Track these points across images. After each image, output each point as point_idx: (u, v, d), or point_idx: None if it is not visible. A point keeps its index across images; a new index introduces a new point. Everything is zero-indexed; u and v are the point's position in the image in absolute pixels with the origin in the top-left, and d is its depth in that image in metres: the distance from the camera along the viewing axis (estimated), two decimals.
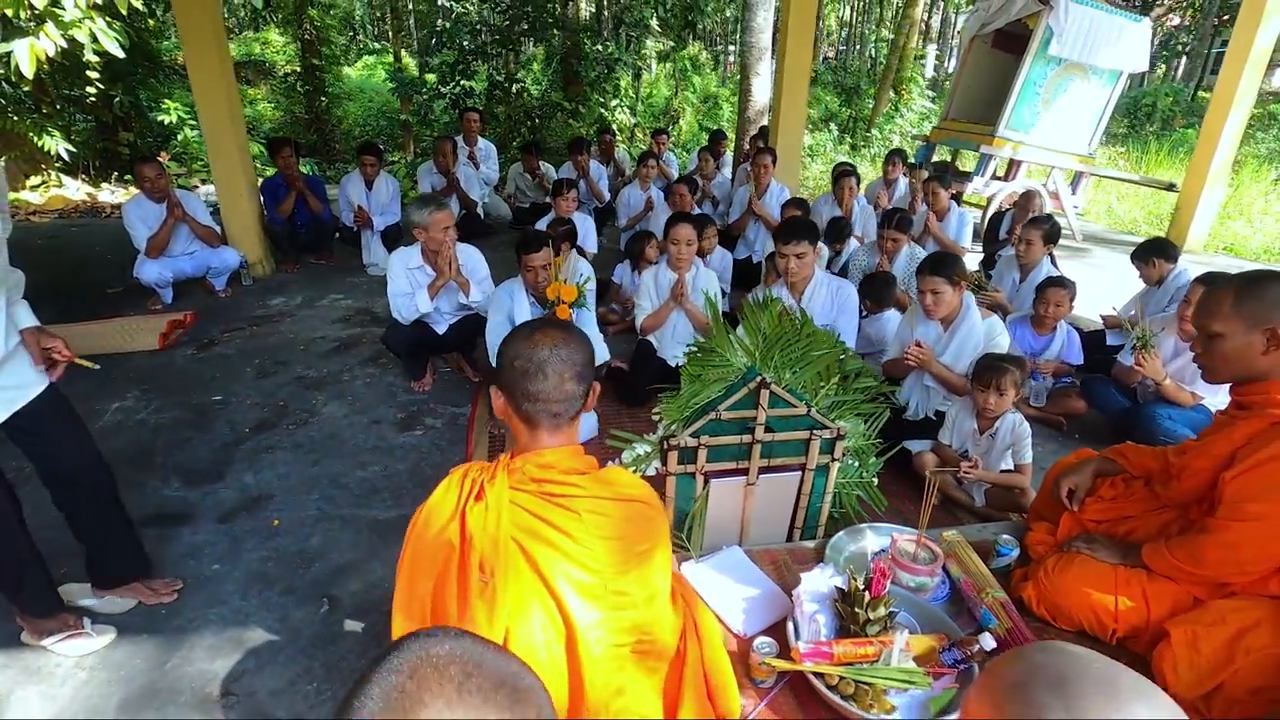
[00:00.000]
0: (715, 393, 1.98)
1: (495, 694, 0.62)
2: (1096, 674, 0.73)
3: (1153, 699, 0.70)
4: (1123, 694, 0.70)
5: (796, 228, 3.22)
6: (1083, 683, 0.72)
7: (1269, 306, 1.68)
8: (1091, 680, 0.72)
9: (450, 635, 0.67)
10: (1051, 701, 0.71)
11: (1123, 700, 0.69)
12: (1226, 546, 1.71)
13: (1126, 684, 0.71)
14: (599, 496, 1.28)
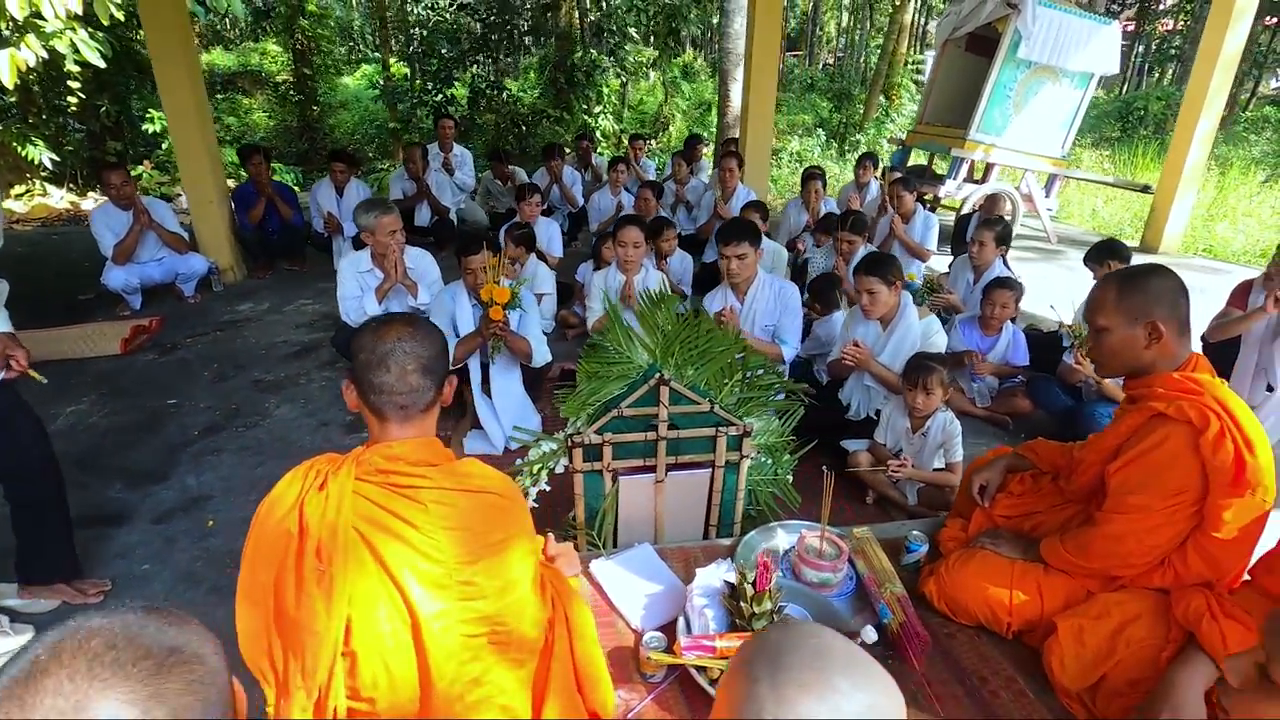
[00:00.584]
0: (618, 390, 2.00)
1: (134, 666, 0.62)
2: (812, 648, 0.74)
3: (863, 675, 0.71)
4: (831, 669, 0.71)
5: (736, 229, 3.24)
6: (796, 654, 0.73)
7: (1149, 300, 1.69)
8: (805, 653, 0.73)
9: (119, 612, 0.67)
10: (762, 674, 0.72)
11: (828, 673, 0.70)
12: (1110, 539, 1.72)
13: (839, 661, 0.72)
14: (447, 488, 1.30)
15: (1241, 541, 1.59)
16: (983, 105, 6.41)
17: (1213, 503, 1.57)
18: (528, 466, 2.09)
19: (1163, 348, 1.70)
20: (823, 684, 0.69)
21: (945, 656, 1.86)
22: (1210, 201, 9.91)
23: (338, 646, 1.22)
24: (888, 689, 0.72)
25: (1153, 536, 1.66)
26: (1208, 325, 3.63)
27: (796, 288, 3.42)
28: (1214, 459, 1.54)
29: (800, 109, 19.45)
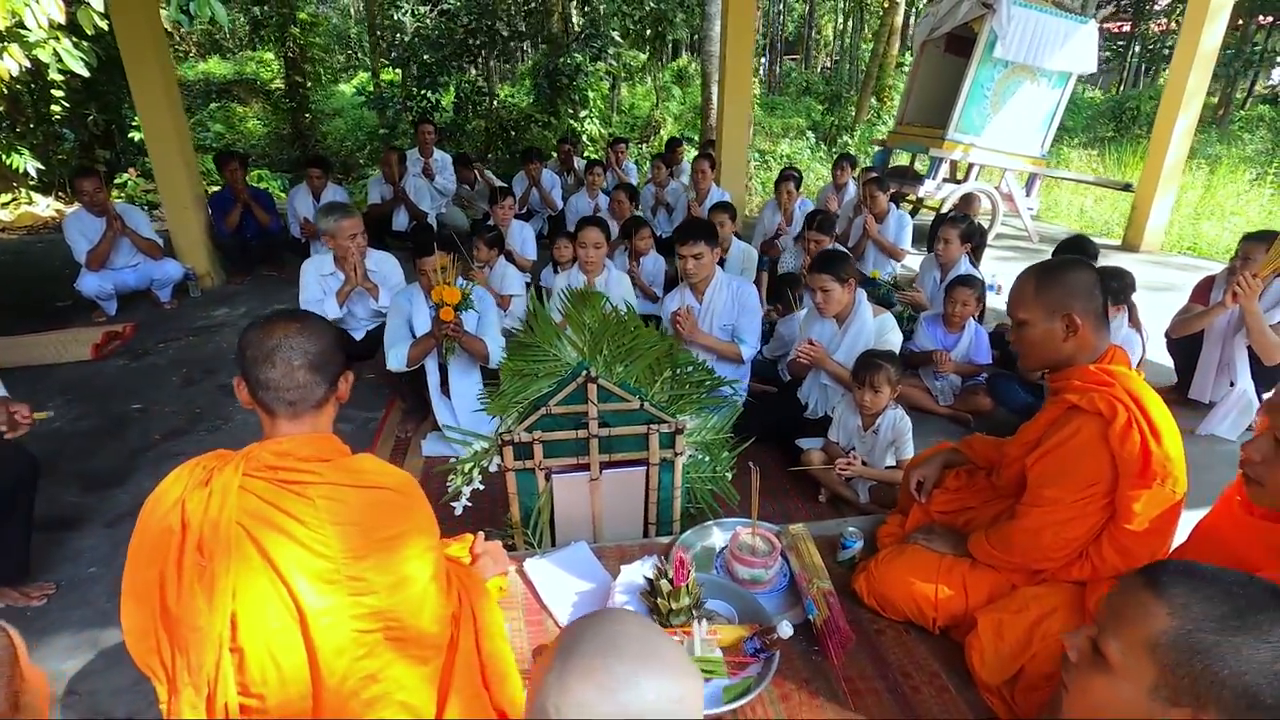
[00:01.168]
0: (547, 387, 2.00)
1: None
2: (606, 636, 0.73)
3: (651, 664, 0.70)
4: (616, 657, 0.70)
5: (692, 229, 3.24)
6: (587, 643, 0.72)
7: (1066, 293, 1.69)
8: (597, 641, 0.73)
9: None
10: (555, 662, 0.72)
11: (612, 661, 0.69)
12: (1027, 532, 1.71)
13: (628, 649, 0.71)
14: (337, 483, 1.30)
15: (1154, 533, 1.59)
16: (960, 105, 6.42)
17: (1122, 494, 1.57)
18: (460, 465, 2.10)
19: (1081, 340, 1.70)
20: (604, 671, 0.69)
21: (871, 652, 1.85)
22: (1198, 200, 9.92)
23: (223, 642, 1.22)
24: (678, 677, 0.71)
25: (1068, 529, 1.65)
26: (1170, 321, 3.63)
27: (754, 287, 3.42)
28: (1122, 450, 1.54)
29: (796, 112, 19.52)
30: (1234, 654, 0.76)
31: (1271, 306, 3.30)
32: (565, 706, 0.67)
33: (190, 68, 19.62)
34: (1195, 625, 0.79)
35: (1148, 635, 0.82)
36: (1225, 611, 0.79)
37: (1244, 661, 0.76)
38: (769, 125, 18.37)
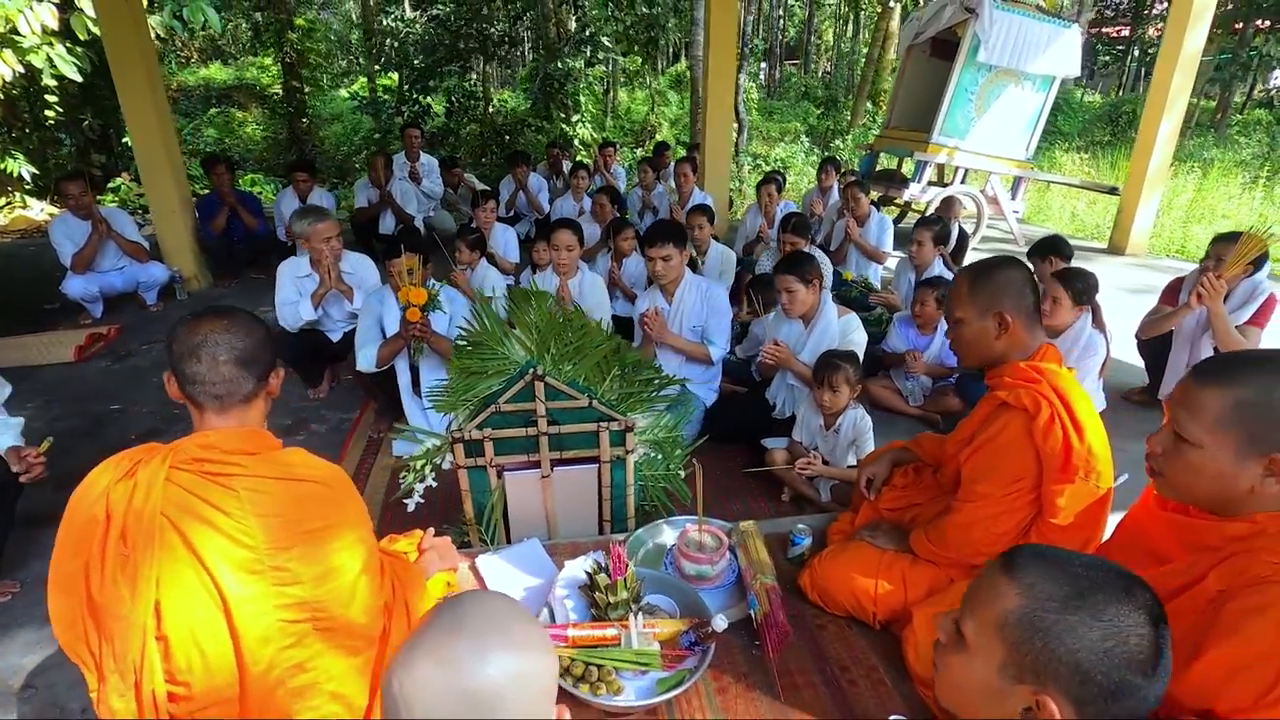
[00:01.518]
0: (496, 385, 2.03)
1: None
2: (454, 616, 0.76)
3: (495, 644, 0.72)
4: (460, 636, 0.72)
5: (661, 231, 3.27)
6: (438, 623, 0.75)
7: (998, 292, 1.72)
8: (447, 621, 0.75)
9: None
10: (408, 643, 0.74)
11: (454, 639, 0.72)
12: (960, 527, 1.74)
13: (472, 630, 0.73)
14: (262, 476, 1.33)
15: (1079, 527, 1.61)
16: (944, 109, 6.45)
17: (1047, 488, 1.59)
18: (412, 462, 2.13)
19: (1013, 338, 1.73)
20: (445, 648, 0.71)
21: (812, 646, 1.88)
22: (1189, 203, 9.93)
23: (147, 630, 1.25)
24: (523, 654, 0.73)
25: (997, 523, 1.68)
26: (1139, 323, 3.65)
27: (724, 288, 3.45)
28: (1045, 445, 1.57)
29: (794, 116, 19.59)
30: (1070, 632, 0.78)
31: (1238, 307, 3.32)
32: (406, 682, 0.70)
33: (191, 73, 19.78)
34: (1039, 605, 0.82)
35: (997, 615, 0.84)
36: (1068, 592, 0.81)
37: (1078, 639, 0.78)
38: (767, 130, 18.44)
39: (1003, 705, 0.84)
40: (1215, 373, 1.21)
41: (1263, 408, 1.14)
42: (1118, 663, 0.77)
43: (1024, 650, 0.81)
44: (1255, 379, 1.16)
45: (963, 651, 0.89)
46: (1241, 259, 3.10)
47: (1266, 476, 1.16)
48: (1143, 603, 0.80)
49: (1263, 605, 1.11)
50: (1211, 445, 1.19)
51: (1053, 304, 3.12)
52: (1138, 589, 0.81)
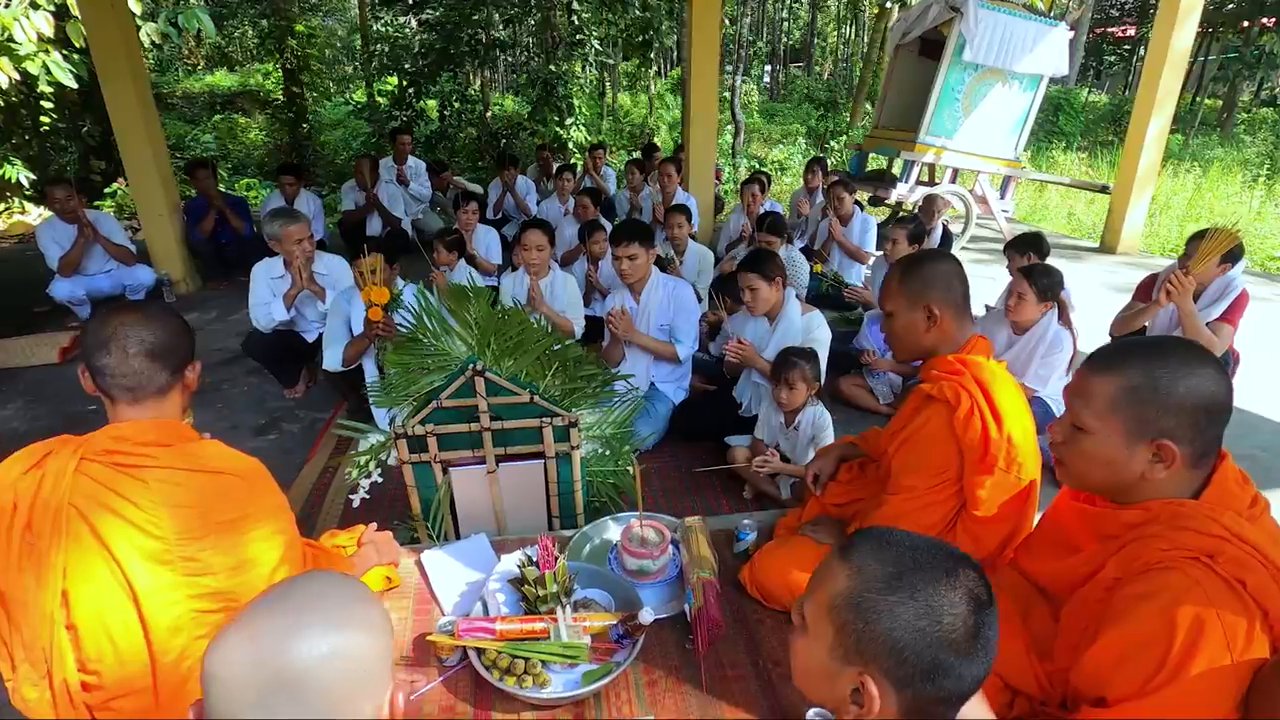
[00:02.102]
0: (438, 381, 2.04)
1: None
2: (278, 593, 0.77)
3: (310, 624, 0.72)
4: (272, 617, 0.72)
5: (627, 230, 3.28)
6: (260, 604, 0.76)
7: (926, 284, 1.72)
8: (268, 597, 0.76)
9: None
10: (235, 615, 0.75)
11: (263, 619, 0.72)
12: (888, 520, 1.73)
13: (294, 605, 0.73)
14: (174, 467, 1.35)
15: (1003, 520, 1.61)
16: (931, 108, 6.43)
17: (967, 480, 1.59)
18: (356, 458, 2.14)
19: (942, 331, 1.73)
20: (255, 626, 0.72)
21: (748, 641, 1.87)
22: (1187, 202, 9.87)
23: (55, 620, 1.27)
24: (338, 634, 0.73)
25: (924, 516, 1.67)
26: (1112, 320, 3.63)
27: (690, 287, 3.46)
28: (965, 436, 1.56)
29: (796, 118, 19.58)
30: (888, 612, 0.79)
31: (1210, 303, 3.29)
32: (215, 662, 0.70)
33: (198, 80, 19.98)
34: (864, 586, 0.82)
35: (829, 597, 0.85)
36: (891, 573, 0.81)
37: (894, 619, 0.78)
38: (769, 132, 18.45)
39: (834, 687, 0.84)
40: (1105, 359, 1.21)
41: (1148, 392, 1.14)
42: (930, 642, 0.77)
43: (848, 631, 0.81)
44: (1141, 364, 1.16)
45: (804, 635, 0.89)
46: (1208, 255, 3.08)
47: (1155, 462, 1.16)
48: (964, 583, 0.80)
49: (1149, 592, 1.11)
50: (1102, 431, 1.19)
51: (1018, 299, 3.11)
52: (963, 570, 0.81)
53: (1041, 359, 3.12)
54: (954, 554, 0.83)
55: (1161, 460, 1.15)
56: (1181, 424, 1.13)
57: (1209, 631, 1.04)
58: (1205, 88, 20.05)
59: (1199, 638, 1.04)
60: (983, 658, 0.79)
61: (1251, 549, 1.07)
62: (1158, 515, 1.18)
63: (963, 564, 0.82)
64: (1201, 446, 1.15)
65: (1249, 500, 1.18)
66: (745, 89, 23.04)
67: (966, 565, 0.82)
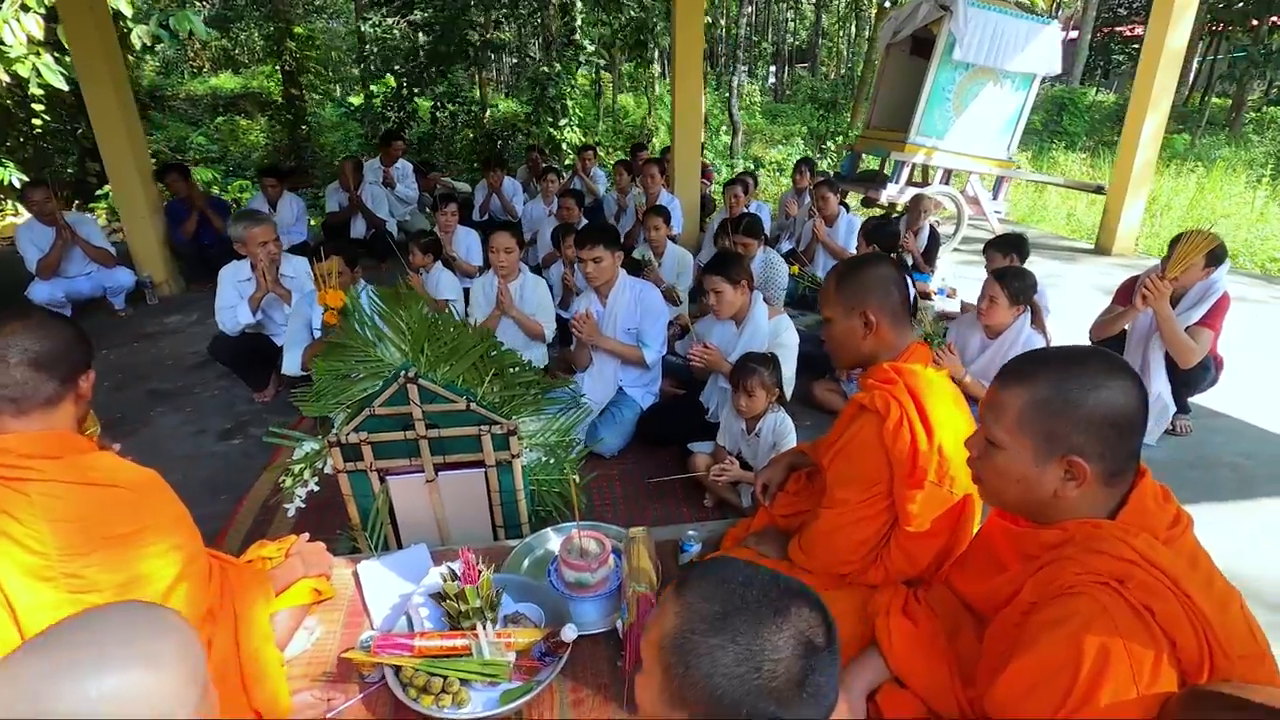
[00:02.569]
0: (370, 388, 1.99)
1: None
2: (53, 630, 0.71)
3: (88, 659, 0.68)
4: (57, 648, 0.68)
5: (591, 233, 3.23)
6: (35, 639, 0.71)
7: (862, 290, 1.66)
8: (44, 636, 0.71)
9: None
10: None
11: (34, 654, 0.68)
12: (823, 534, 1.67)
13: (64, 643, 0.69)
14: (58, 480, 1.30)
15: (935, 535, 1.54)
16: (921, 108, 6.35)
17: (898, 493, 1.53)
18: (290, 466, 2.10)
19: (879, 338, 1.67)
20: (17, 669, 0.67)
21: None
22: (1189, 202, 9.72)
23: None
24: (112, 674, 0.68)
25: (858, 531, 1.61)
26: (1091, 324, 3.55)
27: (657, 290, 3.40)
28: (893, 448, 1.50)
29: (798, 119, 19.49)
30: (708, 656, 0.72)
31: (1190, 307, 3.20)
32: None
33: (202, 82, 20.06)
34: (690, 626, 0.75)
35: (658, 636, 0.78)
36: (716, 612, 0.74)
37: (714, 664, 0.72)
38: (771, 133, 18.37)
39: None
40: (1016, 371, 1.15)
41: (1057, 405, 1.08)
42: (749, 690, 0.70)
43: (673, 674, 0.75)
44: (1050, 377, 1.09)
45: (641, 674, 0.82)
46: (1185, 259, 2.99)
47: (1067, 480, 1.10)
48: (794, 624, 0.73)
49: (1059, 618, 1.05)
50: (1014, 447, 1.13)
51: (989, 302, 3.04)
52: (796, 609, 0.74)
53: None
54: (791, 590, 0.77)
55: (1073, 478, 1.09)
56: (1091, 439, 1.07)
57: (1115, 662, 0.98)
58: (1213, 86, 19.82)
59: (1105, 668, 0.98)
60: (812, 705, 0.72)
61: (1161, 575, 1.01)
62: (1073, 536, 1.12)
63: (797, 601, 0.75)
64: (1114, 463, 1.08)
65: (1169, 519, 1.11)
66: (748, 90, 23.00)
67: (802, 603, 0.75)
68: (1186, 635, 0.97)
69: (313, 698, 1.64)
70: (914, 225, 5.36)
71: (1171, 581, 1.00)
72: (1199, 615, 0.98)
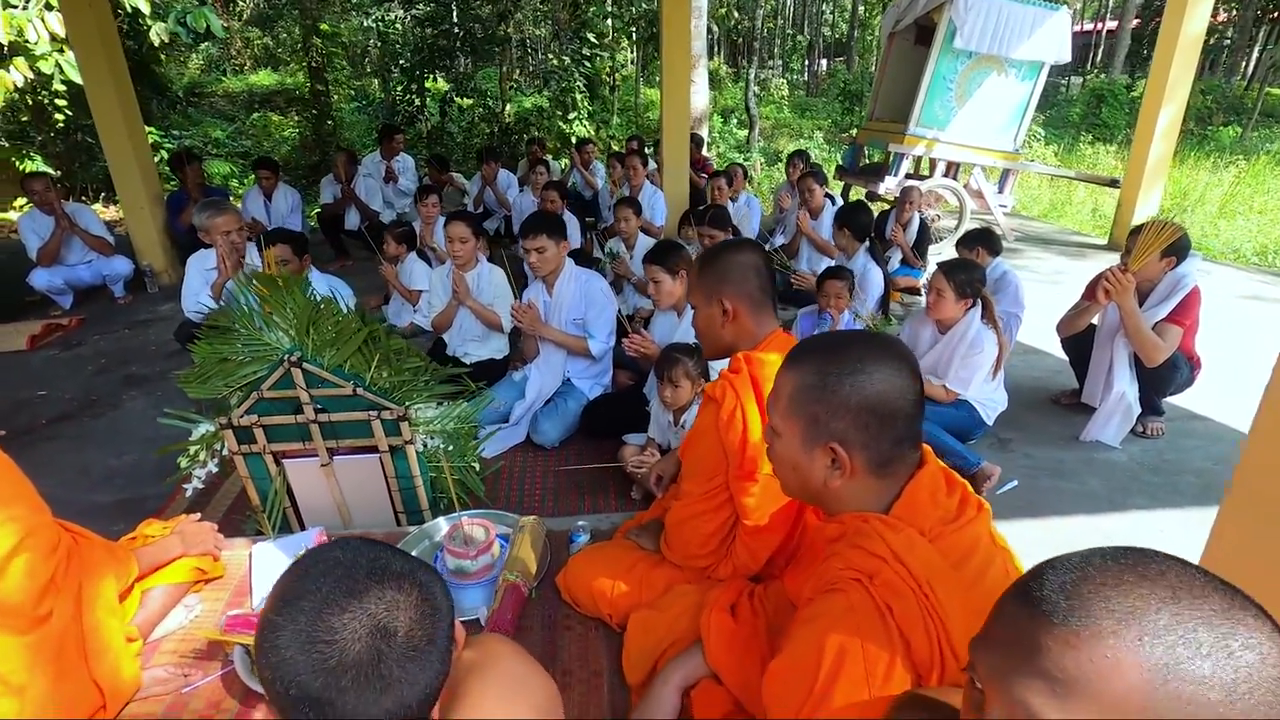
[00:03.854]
0: (259, 371, 2.01)
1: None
2: None
3: None
4: None
5: (534, 223, 3.21)
6: None
7: (720, 278, 1.61)
8: None
9: None
10: None
11: None
12: (673, 526, 1.65)
13: None
14: None
15: (775, 529, 1.49)
16: (921, 98, 6.18)
17: (733, 486, 1.48)
18: (187, 447, 2.13)
19: (739, 327, 1.62)
20: None
21: (547, 647, 1.80)
22: (1224, 196, 9.28)
23: None
24: None
25: (704, 523, 1.57)
26: (1059, 319, 3.42)
27: (604, 280, 3.37)
28: (726, 439, 1.46)
29: (828, 113, 19.21)
30: (272, 634, 0.70)
31: (1159, 302, 3.05)
32: None
33: (242, 80, 20.63)
34: (269, 606, 0.74)
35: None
36: (291, 591, 0.74)
37: (274, 642, 0.70)
38: (800, 126, 18.14)
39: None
40: (789, 357, 1.10)
41: (818, 390, 1.03)
42: (299, 669, 0.68)
43: (257, 656, 0.74)
44: (815, 362, 1.04)
45: None
46: (1146, 251, 2.85)
47: (834, 469, 1.04)
48: (367, 608, 0.71)
49: (812, 615, 1.01)
50: (786, 434, 1.08)
51: (936, 296, 2.94)
52: (379, 593, 0.72)
53: (962, 359, 2.94)
54: (387, 574, 0.74)
55: (839, 467, 1.04)
56: (852, 427, 1.01)
57: (850, 663, 0.93)
58: (1266, 77, 18.89)
59: (840, 669, 0.93)
60: (381, 694, 0.69)
61: (906, 573, 0.95)
62: (847, 530, 1.07)
63: (386, 587, 0.73)
64: (880, 453, 1.03)
65: (946, 512, 1.05)
66: (776, 84, 22.70)
67: (393, 589, 0.73)
68: (920, 637, 0.92)
69: (166, 673, 1.67)
70: (903, 218, 5.23)
71: (915, 581, 0.94)
72: (935, 617, 0.92)
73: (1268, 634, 0.51)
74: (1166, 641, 0.51)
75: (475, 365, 3.66)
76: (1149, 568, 0.56)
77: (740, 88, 16.47)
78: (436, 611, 0.75)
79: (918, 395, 1.03)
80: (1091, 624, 0.53)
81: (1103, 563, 0.58)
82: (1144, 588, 0.54)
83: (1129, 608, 0.53)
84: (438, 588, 0.78)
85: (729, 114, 16.19)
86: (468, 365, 3.66)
